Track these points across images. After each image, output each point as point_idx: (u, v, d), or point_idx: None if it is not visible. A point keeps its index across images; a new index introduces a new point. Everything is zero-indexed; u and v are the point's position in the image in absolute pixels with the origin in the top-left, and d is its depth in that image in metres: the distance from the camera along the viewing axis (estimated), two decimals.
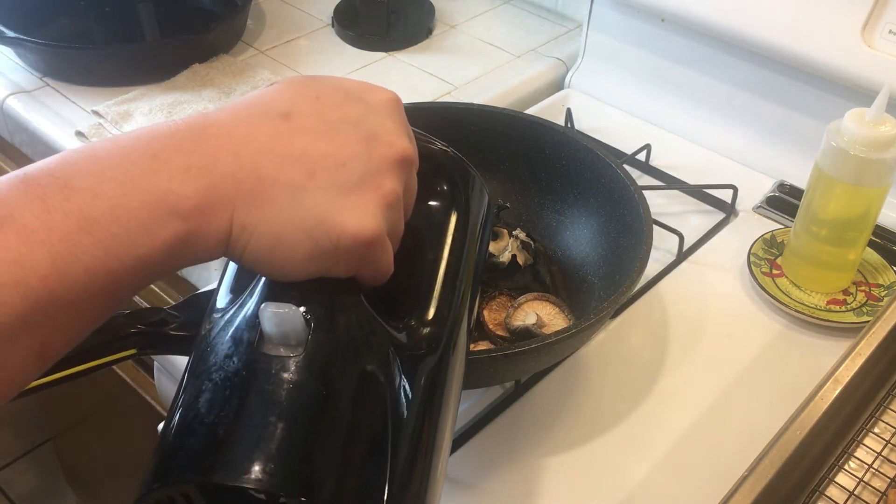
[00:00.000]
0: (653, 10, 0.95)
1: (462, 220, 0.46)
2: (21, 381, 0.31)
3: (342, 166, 0.35)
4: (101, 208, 0.31)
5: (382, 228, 0.36)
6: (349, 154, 0.36)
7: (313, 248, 0.35)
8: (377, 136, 0.37)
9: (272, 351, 0.34)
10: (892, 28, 0.79)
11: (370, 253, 0.36)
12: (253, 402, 0.33)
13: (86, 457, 1.45)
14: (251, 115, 0.36)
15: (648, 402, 0.69)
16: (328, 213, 0.35)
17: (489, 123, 0.78)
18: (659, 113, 1.00)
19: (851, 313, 0.76)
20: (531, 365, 0.64)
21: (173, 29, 1.13)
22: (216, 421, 0.33)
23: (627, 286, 0.63)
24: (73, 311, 0.31)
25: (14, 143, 1.03)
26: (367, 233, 0.35)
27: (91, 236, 0.30)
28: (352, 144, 0.36)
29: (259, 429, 0.32)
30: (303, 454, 0.32)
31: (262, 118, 0.35)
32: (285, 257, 0.35)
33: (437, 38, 1.16)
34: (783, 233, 0.83)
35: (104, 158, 0.32)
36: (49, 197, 0.30)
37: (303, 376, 0.34)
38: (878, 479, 0.60)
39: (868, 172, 0.70)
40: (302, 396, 0.34)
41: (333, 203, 0.35)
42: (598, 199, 0.75)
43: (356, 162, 0.36)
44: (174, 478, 0.32)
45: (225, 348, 0.36)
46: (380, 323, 0.38)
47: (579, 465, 0.64)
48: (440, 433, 0.38)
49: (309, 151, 0.35)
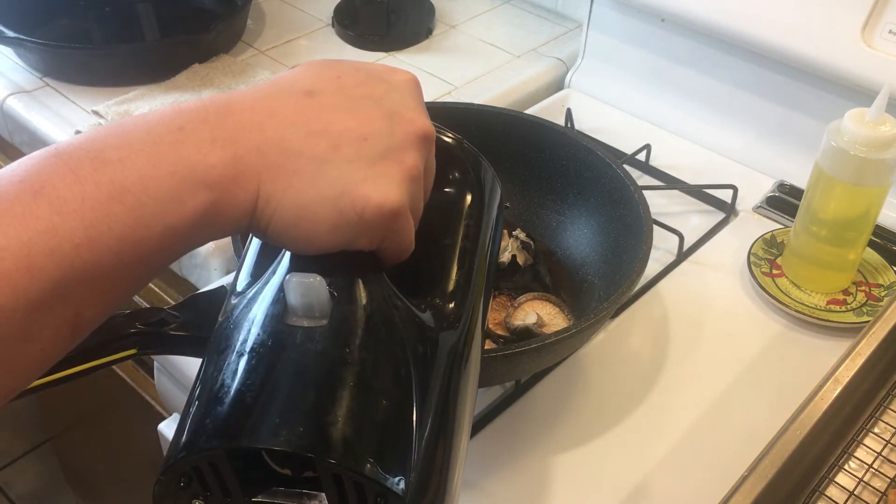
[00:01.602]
0: (653, 10, 0.95)
1: (477, 206, 0.46)
2: (55, 353, 0.31)
3: (365, 140, 0.36)
4: (131, 178, 0.32)
5: (405, 200, 0.37)
6: (373, 129, 0.36)
7: (338, 219, 0.35)
8: (399, 113, 0.38)
9: (297, 322, 0.35)
10: (892, 28, 0.79)
11: (393, 224, 0.37)
12: (279, 370, 0.33)
13: (86, 457, 1.45)
14: (275, 93, 0.37)
15: (648, 402, 0.69)
16: (353, 184, 0.35)
17: (489, 123, 0.78)
18: (659, 113, 1.00)
19: (851, 313, 0.76)
20: (531, 365, 0.64)
21: (173, 29, 1.13)
22: (243, 389, 0.33)
23: (627, 286, 0.63)
24: (106, 280, 0.31)
25: (14, 143, 1.03)
26: (392, 203, 0.36)
27: (122, 205, 0.31)
28: (375, 120, 0.37)
29: (286, 395, 0.32)
30: (331, 418, 0.32)
31: (286, 95, 0.36)
32: (310, 228, 0.35)
33: (437, 38, 1.16)
34: (783, 233, 0.83)
35: (132, 133, 0.33)
36: (80, 169, 0.31)
37: (328, 345, 0.34)
38: (878, 479, 0.60)
39: (868, 172, 0.70)
40: (328, 363, 0.34)
41: (358, 174, 0.35)
42: (598, 199, 0.75)
43: (379, 136, 0.36)
44: (201, 445, 0.32)
45: (249, 323, 0.36)
46: (401, 298, 0.38)
47: (579, 464, 0.64)
48: (461, 407, 0.39)
49: (333, 125, 0.36)
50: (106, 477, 1.40)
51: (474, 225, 0.45)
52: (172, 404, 0.81)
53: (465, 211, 0.45)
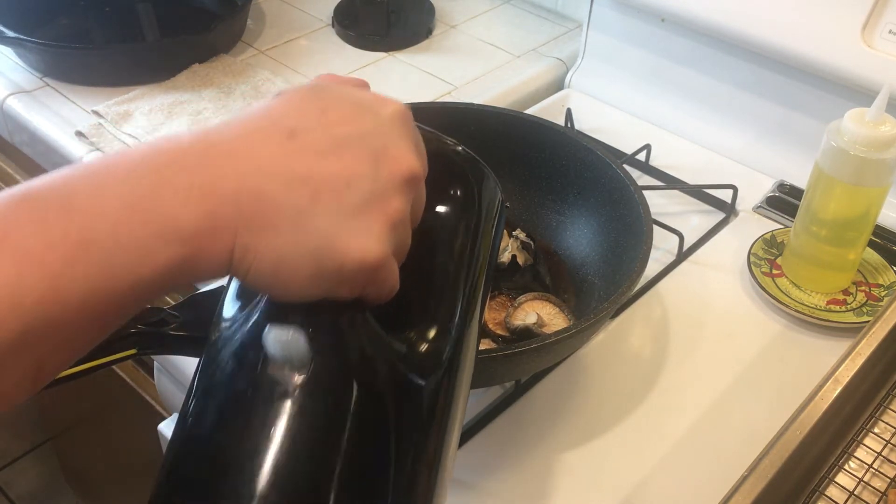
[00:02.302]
0: (653, 10, 0.95)
1: (472, 221, 0.45)
2: (15, 399, 0.30)
3: (349, 186, 0.35)
4: (102, 228, 0.30)
5: (388, 251, 0.36)
6: (356, 172, 0.35)
7: (317, 271, 0.34)
8: (385, 153, 0.36)
9: (277, 372, 0.34)
10: (892, 28, 0.79)
11: (375, 276, 0.36)
12: (256, 426, 0.33)
13: (86, 457, 1.45)
14: (256, 131, 0.35)
15: (648, 402, 0.69)
16: (333, 237, 0.34)
17: (489, 123, 0.78)
18: (659, 113, 1.00)
19: (851, 313, 0.76)
20: (531, 365, 0.64)
21: (173, 29, 1.13)
22: (219, 445, 0.33)
23: (627, 286, 0.63)
24: (70, 331, 0.30)
25: (14, 143, 1.03)
26: (372, 257, 0.35)
27: (90, 256, 0.30)
28: (359, 162, 0.35)
29: (261, 455, 0.32)
30: (306, 482, 0.32)
31: (268, 135, 0.35)
32: (288, 279, 0.34)
33: (437, 38, 1.16)
34: (783, 233, 0.83)
35: (108, 174, 0.32)
36: (48, 217, 0.30)
37: (306, 400, 0.34)
38: (878, 479, 0.60)
39: (868, 172, 0.70)
40: (305, 421, 0.34)
41: (338, 226, 0.34)
42: (598, 199, 0.75)
43: (363, 181, 0.35)
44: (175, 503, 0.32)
45: (230, 368, 0.36)
46: (385, 340, 0.38)
47: (579, 464, 0.64)
48: (444, 451, 0.38)
49: (314, 172, 0.34)
50: (106, 477, 1.40)
51: (468, 241, 0.44)
52: (172, 404, 0.81)
53: (459, 227, 0.44)
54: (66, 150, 0.93)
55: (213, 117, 0.96)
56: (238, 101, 0.99)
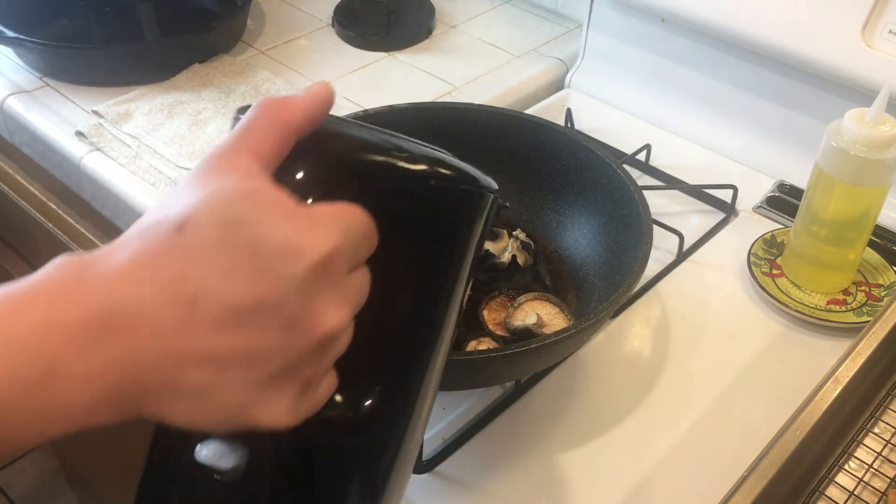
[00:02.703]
0: (653, 10, 0.95)
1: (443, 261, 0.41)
2: None
3: (255, 362, 0.32)
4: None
5: (301, 414, 0.34)
6: (263, 347, 0.32)
7: (231, 428, 0.34)
8: (298, 320, 0.32)
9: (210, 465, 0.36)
10: (892, 28, 0.79)
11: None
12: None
13: (86, 457, 1.45)
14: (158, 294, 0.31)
15: (648, 402, 0.69)
16: (242, 409, 0.33)
17: (489, 123, 0.78)
18: (659, 113, 1.00)
19: (851, 313, 0.76)
20: (531, 365, 0.64)
21: (173, 29, 1.13)
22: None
23: (627, 286, 0.62)
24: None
25: (14, 143, 1.03)
26: (285, 424, 0.34)
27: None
28: (267, 335, 0.32)
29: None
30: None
31: (167, 303, 0.31)
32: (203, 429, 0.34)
33: (437, 38, 1.16)
34: (783, 233, 0.83)
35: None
36: None
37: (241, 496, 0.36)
38: (878, 479, 0.60)
39: (868, 172, 0.70)
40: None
41: (246, 399, 0.32)
42: (598, 199, 0.75)
43: (272, 354, 0.32)
44: None
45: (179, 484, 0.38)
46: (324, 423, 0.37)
47: (579, 465, 0.64)
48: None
49: (217, 348, 0.31)
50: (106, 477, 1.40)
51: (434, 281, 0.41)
52: None
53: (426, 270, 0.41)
54: (67, 150, 0.93)
55: (214, 117, 0.96)
56: (238, 101, 0.99)
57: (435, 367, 0.41)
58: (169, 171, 0.88)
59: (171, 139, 0.92)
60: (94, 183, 0.91)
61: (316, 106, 0.36)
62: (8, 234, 1.22)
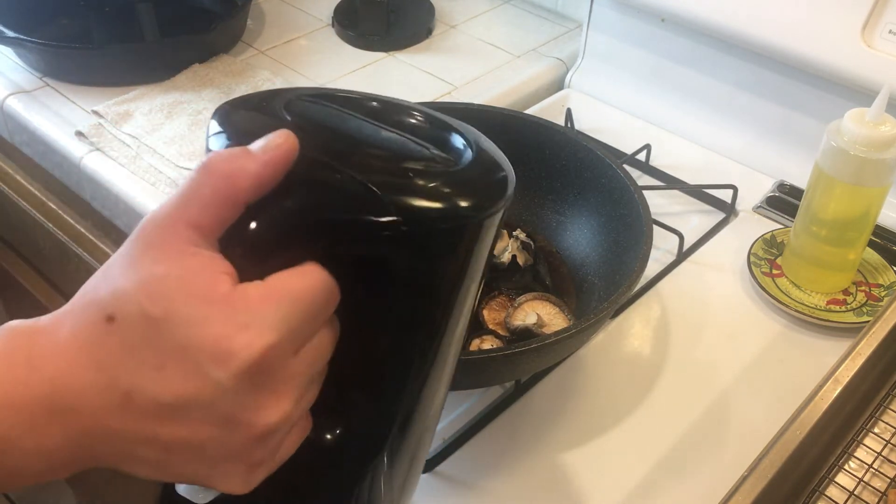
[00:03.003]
0: (653, 10, 0.95)
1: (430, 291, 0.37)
2: None
3: (196, 450, 0.32)
4: None
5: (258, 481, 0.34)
6: (203, 438, 0.32)
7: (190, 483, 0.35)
8: (234, 418, 0.32)
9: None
10: (892, 28, 0.79)
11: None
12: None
13: None
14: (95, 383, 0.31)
15: (648, 402, 0.69)
16: (196, 478, 0.33)
17: (489, 123, 0.77)
18: (659, 113, 1.00)
19: (851, 313, 0.76)
20: (531, 365, 0.64)
21: (173, 29, 1.13)
22: None
23: (627, 286, 0.63)
24: None
25: (14, 143, 1.03)
26: (242, 492, 0.34)
27: None
28: (205, 428, 0.32)
29: None
30: None
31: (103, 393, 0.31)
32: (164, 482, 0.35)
33: (437, 38, 1.16)
34: (783, 233, 0.83)
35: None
36: None
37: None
38: (878, 479, 0.60)
39: (868, 172, 0.70)
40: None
41: (200, 472, 0.33)
42: (598, 199, 0.75)
43: (212, 444, 0.32)
44: None
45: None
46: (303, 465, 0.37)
47: (579, 464, 0.64)
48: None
49: (158, 435, 0.31)
50: (106, 477, 1.40)
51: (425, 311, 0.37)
52: None
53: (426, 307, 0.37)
54: (67, 150, 0.93)
55: None
56: None
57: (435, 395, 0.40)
58: (169, 171, 0.88)
59: (171, 139, 0.92)
60: (94, 183, 0.91)
61: (269, 172, 0.32)
62: (8, 234, 1.22)
